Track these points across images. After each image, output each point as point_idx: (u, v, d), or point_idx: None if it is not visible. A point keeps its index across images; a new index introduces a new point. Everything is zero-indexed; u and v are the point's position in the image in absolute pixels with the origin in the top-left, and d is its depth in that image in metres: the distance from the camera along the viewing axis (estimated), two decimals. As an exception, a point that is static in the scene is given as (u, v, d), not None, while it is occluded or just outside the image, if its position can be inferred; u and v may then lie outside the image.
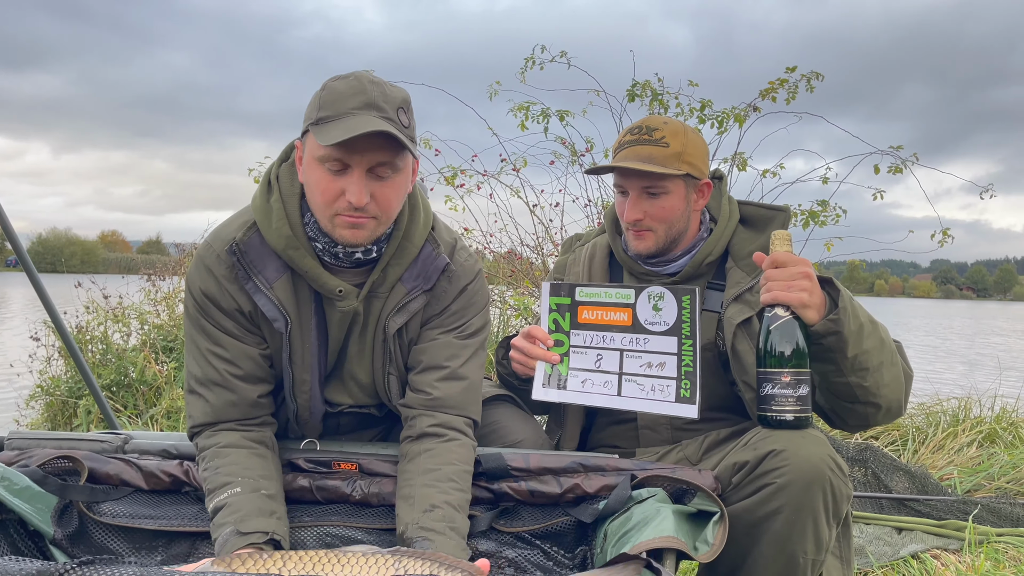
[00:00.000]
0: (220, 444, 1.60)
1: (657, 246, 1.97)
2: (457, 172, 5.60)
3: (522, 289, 5.80)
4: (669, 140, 1.92)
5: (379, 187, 1.54)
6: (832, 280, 1.70)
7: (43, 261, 58.95)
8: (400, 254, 1.68)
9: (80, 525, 1.44)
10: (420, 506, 1.51)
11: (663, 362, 1.84)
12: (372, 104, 1.50)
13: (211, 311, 1.65)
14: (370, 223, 1.56)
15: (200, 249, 1.70)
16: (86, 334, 5.42)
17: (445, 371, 1.70)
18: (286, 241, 1.61)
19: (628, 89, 5.22)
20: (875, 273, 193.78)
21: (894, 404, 1.77)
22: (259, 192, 1.68)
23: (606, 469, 1.61)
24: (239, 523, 1.44)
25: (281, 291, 1.64)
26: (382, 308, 1.70)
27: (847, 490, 1.56)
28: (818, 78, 4.92)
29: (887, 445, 4.37)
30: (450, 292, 1.74)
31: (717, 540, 1.29)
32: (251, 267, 1.63)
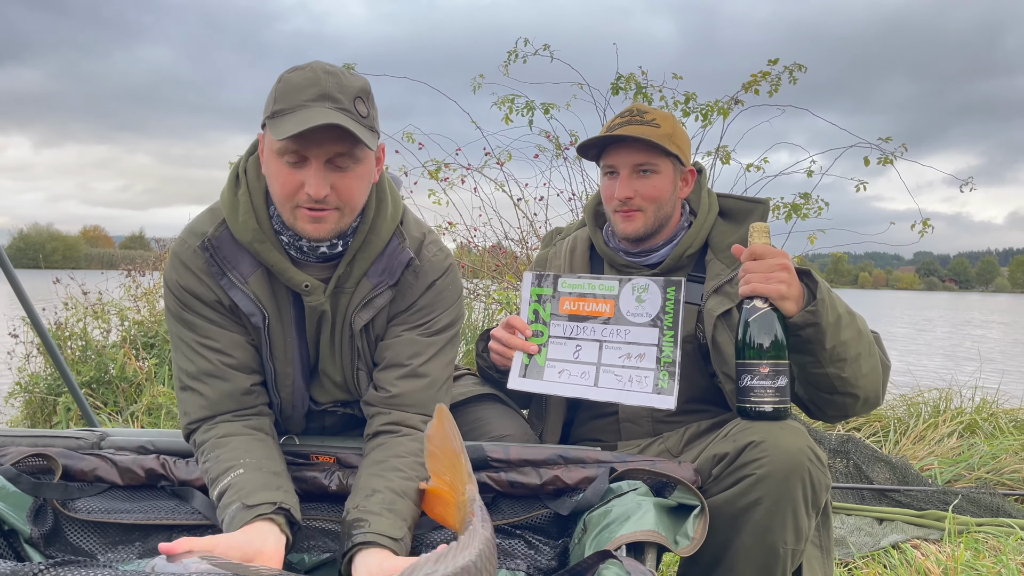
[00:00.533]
0: (219, 435, 1.57)
1: (646, 228, 1.97)
2: (441, 166, 5.58)
3: (506, 283, 5.80)
4: (660, 122, 1.94)
5: (340, 178, 1.51)
6: (810, 272, 1.72)
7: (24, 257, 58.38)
8: (366, 248, 1.65)
9: (55, 523, 1.42)
10: (362, 492, 1.49)
11: (642, 353, 1.84)
12: (326, 95, 1.47)
13: (194, 304, 1.64)
14: (332, 215, 1.53)
15: (175, 245, 1.68)
16: (65, 330, 5.36)
17: (406, 369, 1.67)
18: (252, 235, 1.59)
19: (612, 82, 5.22)
20: (859, 265, 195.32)
21: (872, 394, 1.79)
22: (227, 186, 1.66)
23: (586, 461, 1.60)
24: (244, 497, 1.40)
25: (256, 285, 1.62)
26: (348, 303, 1.67)
27: (826, 480, 1.57)
28: (801, 70, 4.93)
29: (869, 436, 4.40)
30: (416, 288, 1.71)
31: (697, 534, 1.29)
32: (224, 262, 1.61)
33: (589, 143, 2.00)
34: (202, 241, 1.61)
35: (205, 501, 1.54)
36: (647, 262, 2.03)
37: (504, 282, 5.85)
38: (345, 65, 5.23)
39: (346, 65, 5.23)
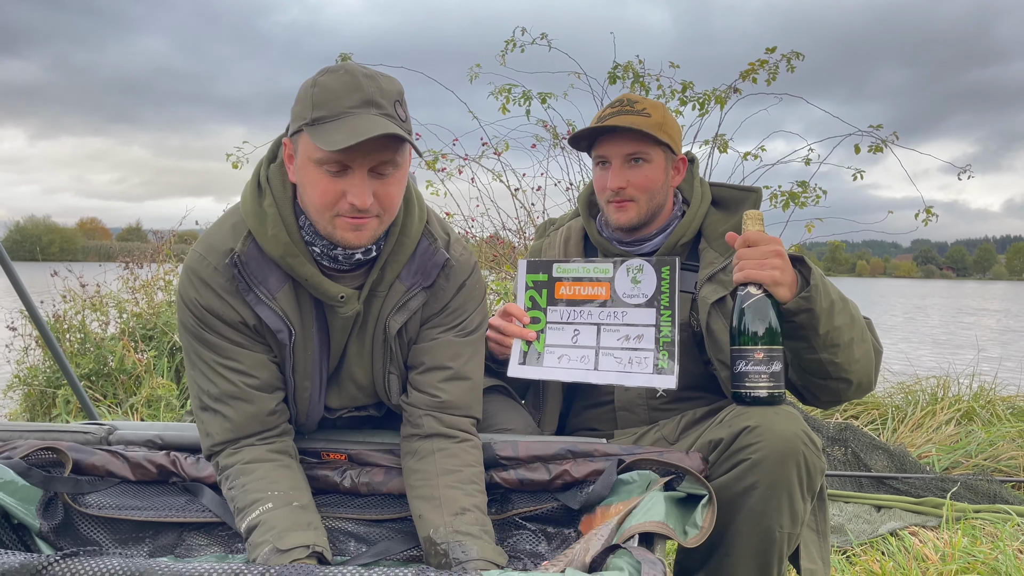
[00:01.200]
0: (244, 460, 1.54)
1: (639, 217, 1.98)
2: (438, 156, 5.58)
3: (504, 274, 5.80)
4: (651, 111, 1.94)
5: (381, 185, 1.47)
6: (803, 258, 1.73)
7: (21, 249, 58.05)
8: (398, 251, 1.62)
9: (66, 517, 1.43)
10: (449, 509, 1.48)
11: (641, 334, 1.84)
12: (371, 101, 1.42)
13: (215, 324, 1.57)
14: (372, 223, 1.49)
15: (191, 261, 1.61)
16: (64, 323, 5.35)
17: (449, 372, 1.66)
18: (284, 248, 1.53)
19: (609, 71, 5.21)
20: (856, 254, 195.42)
21: (864, 380, 1.81)
22: (249, 196, 1.59)
23: (594, 455, 1.61)
24: (277, 540, 1.39)
25: (285, 302, 1.57)
26: (381, 307, 1.64)
27: (821, 464, 1.58)
28: (799, 58, 4.92)
29: (866, 424, 4.42)
30: (449, 289, 1.69)
31: (706, 523, 1.29)
32: (252, 279, 1.55)
33: (580, 135, 2.00)
34: (231, 257, 1.54)
35: (215, 498, 1.54)
36: (641, 251, 2.03)
37: (502, 272, 5.86)
38: (341, 56, 5.21)
39: (342, 56, 5.21)
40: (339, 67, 1.47)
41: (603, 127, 1.95)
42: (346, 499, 1.64)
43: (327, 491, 1.65)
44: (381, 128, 1.37)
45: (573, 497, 1.58)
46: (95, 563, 0.82)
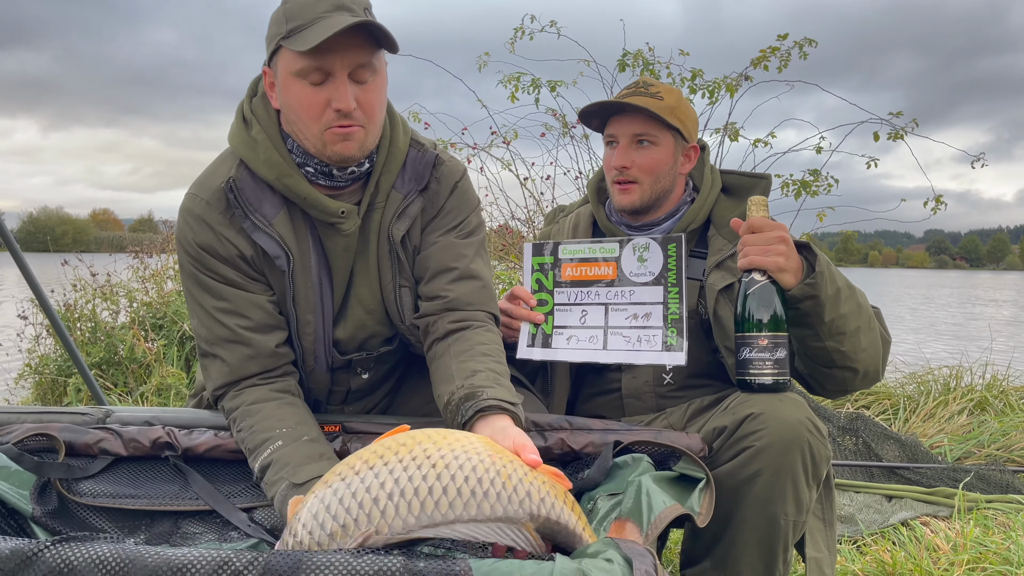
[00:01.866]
0: (248, 402, 1.55)
1: (642, 200, 1.97)
2: (447, 145, 5.55)
3: (511, 263, 5.78)
4: (664, 95, 1.94)
5: (362, 92, 1.48)
6: (809, 245, 1.72)
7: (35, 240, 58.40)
8: (390, 162, 1.63)
9: (60, 503, 1.42)
10: (461, 375, 1.49)
11: (649, 312, 1.83)
12: (342, 6, 1.44)
13: (210, 263, 1.58)
14: (359, 132, 1.50)
15: (186, 201, 1.62)
16: (74, 312, 5.38)
17: (455, 272, 1.66)
18: (279, 169, 1.55)
19: (619, 59, 5.17)
20: (868, 244, 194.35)
21: (871, 369, 1.79)
22: (236, 129, 1.61)
23: (592, 428, 1.59)
24: (292, 475, 1.39)
25: (281, 227, 1.58)
26: (381, 219, 1.65)
27: (826, 451, 1.57)
28: (811, 44, 4.87)
29: (878, 414, 4.39)
30: (442, 192, 1.70)
31: (704, 507, 1.27)
32: (247, 205, 1.56)
33: (591, 108, 2.00)
34: (227, 182, 1.56)
35: (205, 485, 1.53)
36: (650, 235, 2.02)
37: (509, 261, 5.84)
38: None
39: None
40: None
41: (613, 103, 1.95)
42: None
43: None
44: (355, 20, 1.39)
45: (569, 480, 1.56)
46: (85, 549, 0.82)
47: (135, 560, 0.81)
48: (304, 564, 0.81)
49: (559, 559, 0.86)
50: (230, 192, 1.55)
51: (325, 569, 0.80)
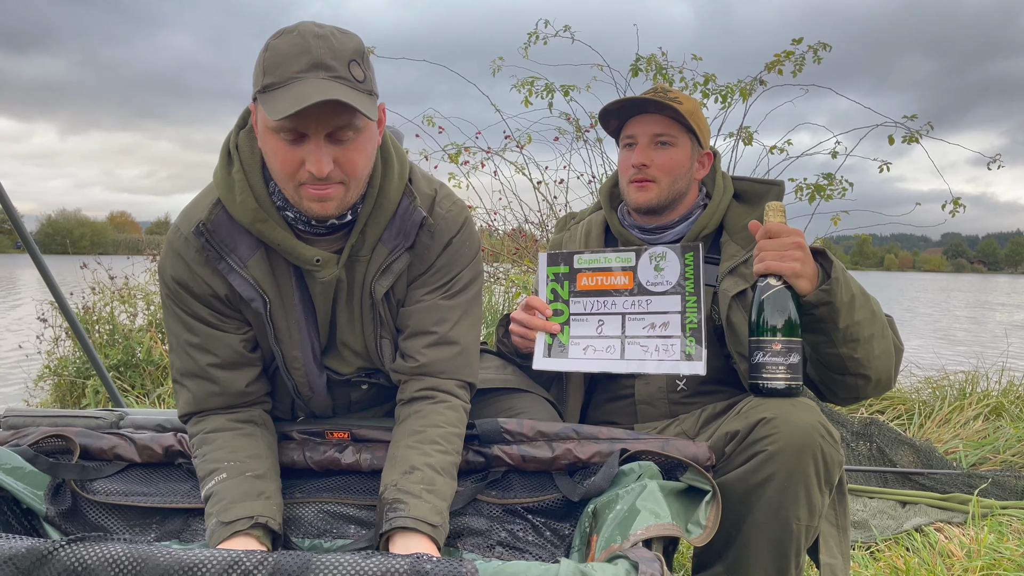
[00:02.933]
0: (206, 430, 1.56)
1: (659, 199, 1.97)
2: (461, 149, 5.57)
3: (525, 267, 5.79)
4: (682, 100, 1.95)
5: (342, 151, 1.41)
6: (825, 251, 1.72)
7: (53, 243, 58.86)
8: (377, 213, 1.56)
9: (73, 503, 1.45)
10: (400, 468, 1.46)
11: (666, 321, 1.83)
12: (319, 64, 1.35)
13: (184, 299, 1.57)
14: (338, 191, 1.44)
15: (169, 233, 1.60)
16: (93, 315, 5.44)
17: (433, 336, 1.61)
18: (253, 214, 1.50)
19: (632, 64, 5.17)
20: (884, 247, 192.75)
21: (884, 376, 1.78)
22: (219, 165, 1.56)
23: (599, 437, 1.60)
24: (221, 513, 1.40)
25: (256, 269, 1.54)
26: (365, 272, 1.59)
27: (838, 456, 1.56)
28: (825, 48, 4.85)
29: (893, 420, 4.36)
30: (433, 248, 1.63)
31: (710, 521, 1.27)
32: (222, 247, 1.52)
33: (613, 106, 2.00)
34: (196, 226, 1.52)
35: None
36: (662, 239, 2.03)
37: (523, 265, 5.85)
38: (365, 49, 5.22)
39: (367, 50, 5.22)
40: (293, 28, 1.41)
41: (634, 99, 1.95)
42: (350, 481, 1.64)
43: (331, 472, 1.65)
44: (327, 93, 1.32)
45: (572, 488, 1.56)
46: (100, 548, 0.83)
47: (148, 560, 0.83)
48: (313, 565, 0.82)
49: (564, 562, 0.87)
50: (200, 236, 1.52)
51: (333, 570, 0.81)
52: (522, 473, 1.64)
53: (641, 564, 0.86)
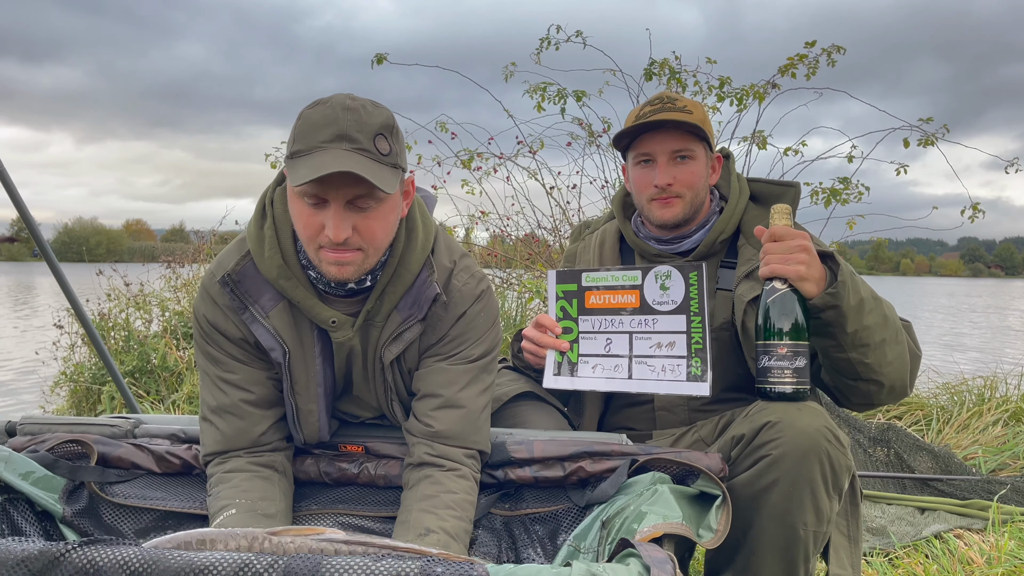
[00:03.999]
0: (225, 469, 1.57)
1: (684, 214, 1.96)
2: (474, 155, 5.58)
3: (537, 272, 5.79)
4: (691, 109, 1.93)
5: (362, 219, 1.46)
6: (833, 254, 1.70)
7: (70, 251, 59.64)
8: (395, 282, 1.61)
9: (90, 504, 1.45)
10: (415, 531, 1.46)
11: (672, 341, 1.82)
12: (343, 135, 1.41)
13: (217, 339, 1.62)
14: (356, 257, 1.49)
15: (205, 277, 1.66)
16: (108, 321, 5.48)
17: (440, 399, 1.62)
18: (278, 271, 1.56)
19: (645, 68, 5.17)
20: (900, 252, 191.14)
21: (898, 383, 1.75)
22: (253, 219, 1.63)
23: (611, 454, 1.58)
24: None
25: (277, 319, 1.58)
26: (379, 337, 1.64)
27: (846, 461, 1.54)
28: (840, 51, 4.83)
29: (911, 425, 4.31)
30: (447, 320, 1.66)
31: (721, 525, 1.25)
32: (246, 296, 1.58)
33: (626, 132, 1.97)
34: (222, 277, 1.58)
35: None
36: (679, 250, 2.00)
37: (535, 270, 5.85)
38: (377, 56, 5.24)
39: (378, 56, 5.24)
40: (327, 100, 1.46)
41: (651, 123, 1.91)
42: (364, 493, 1.64)
43: (346, 483, 1.65)
44: (344, 164, 1.37)
45: (580, 495, 1.55)
46: (111, 551, 0.83)
47: (158, 562, 0.83)
48: (323, 567, 0.82)
49: (576, 564, 0.86)
50: (225, 286, 1.57)
51: (344, 572, 0.81)
52: (535, 487, 1.64)
53: (653, 567, 0.85)
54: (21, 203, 3.02)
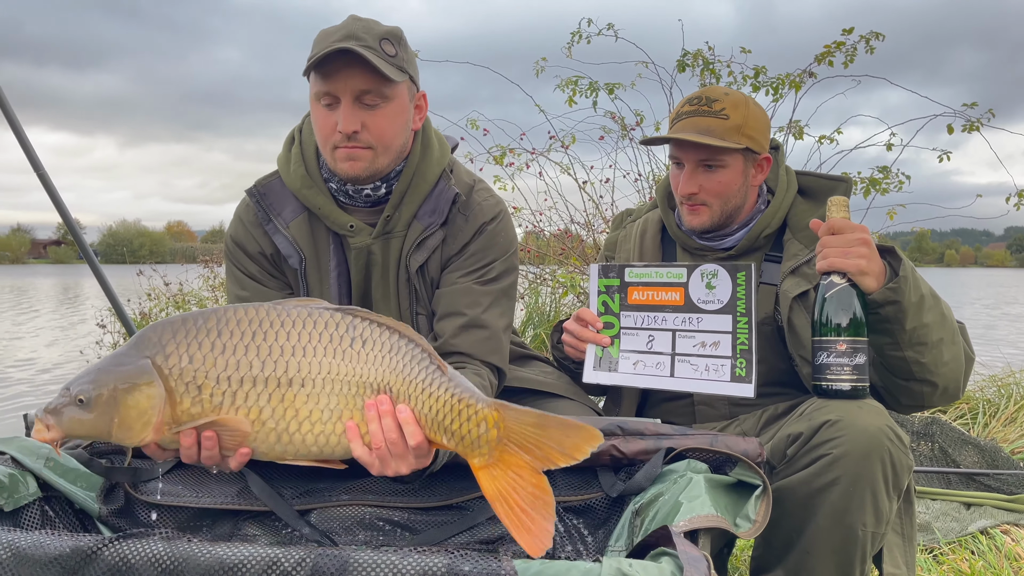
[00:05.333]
0: None
1: (712, 221, 1.92)
2: (506, 151, 5.57)
3: (571, 267, 5.76)
4: (729, 112, 1.86)
5: (370, 116, 1.60)
6: (894, 249, 1.65)
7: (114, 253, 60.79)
8: (412, 191, 1.71)
9: (126, 503, 1.47)
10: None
11: (717, 341, 1.78)
12: (351, 35, 1.57)
13: (239, 256, 1.78)
14: (366, 154, 1.62)
15: (238, 204, 1.84)
16: (149, 320, 5.58)
17: (464, 318, 1.69)
18: (301, 181, 1.71)
19: (678, 59, 5.11)
20: (944, 243, 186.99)
21: (952, 384, 1.70)
22: (284, 145, 1.80)
23: (645, 434, 1.55)
24: None
25: (296, 230, 1.73)
26: (401, 247, 1.72)
27: (908, 461, 1.50)
28: (878, 38, 4.73)
29: (955, 419, 4.22)
30: (467, 230, 1.75)
31: (760, 516, 1.22)
32: (270, 209, 1.74)
33: (649, 142, 2.00)
34: (251, 188, 1.77)
35: (264, 487, 1.56)
36: (722, 245, 1.97)
37: (569, 265, 5.82)
38: (409, 53, 5.26)
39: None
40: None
41: (671, 139, 1.89)
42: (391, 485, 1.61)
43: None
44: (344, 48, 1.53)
45: (612, 484, 1.52)
46: (141, 547, 0.84)
47: (189, 558, 0.83)
48: (351, 564, 0.82)
49: (606, 561, 0.84)
50: (253, 196, 1.75)
51: (371, 569, 0.81)
52: (565, 469, 1.59)
53: (687, 566, 0.83)
54: (64, 208, 3.09)
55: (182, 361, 1.18)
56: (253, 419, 1.19)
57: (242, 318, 1.21)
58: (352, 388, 1.22)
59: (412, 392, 1.24)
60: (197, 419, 1.18)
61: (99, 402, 1.16)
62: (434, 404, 1.23)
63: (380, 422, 1.22)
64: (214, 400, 1.18)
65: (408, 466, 1.26)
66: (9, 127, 2.98)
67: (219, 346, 1.20)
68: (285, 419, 1.20)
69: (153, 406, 1.16)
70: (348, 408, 1.22)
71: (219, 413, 1.18)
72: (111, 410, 1.16)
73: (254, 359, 1.19)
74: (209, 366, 1.19)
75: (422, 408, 1.24)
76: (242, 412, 1.19)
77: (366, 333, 1.24)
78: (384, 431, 1.21)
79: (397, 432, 1.22)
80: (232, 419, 1.18)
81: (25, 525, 1.32)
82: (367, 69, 1.56)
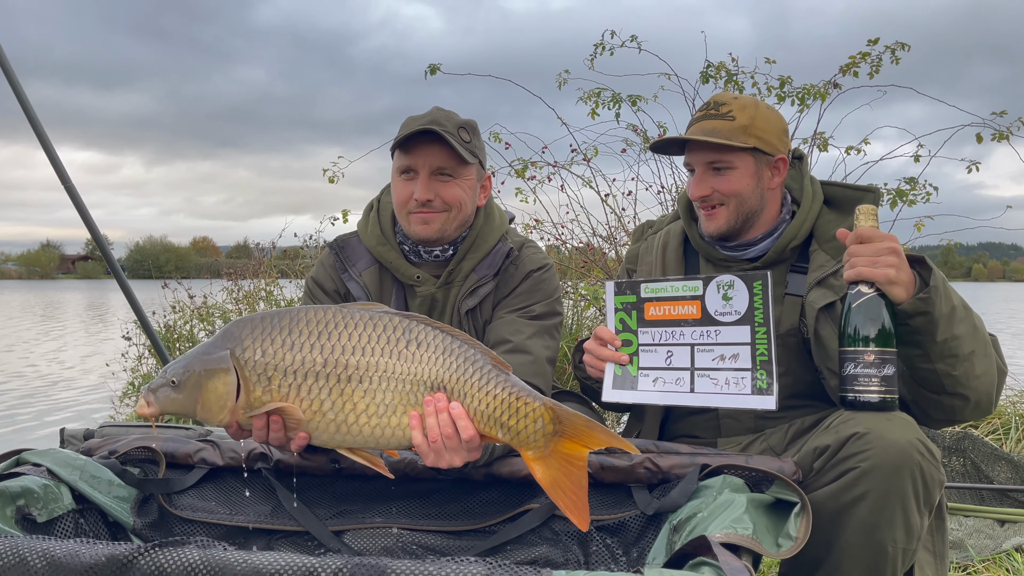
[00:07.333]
0: None
1: (729, 224, 1.90)
2: (527, 164, 5.57)
3: (593, 279, 5.73)
4: (736, 114, 1.86)
5: (443, 186, 1.91)
6: (924, 259, 1.62)
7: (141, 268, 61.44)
8: (474, 250, 2.01)
9: (160, 517, 1.47)
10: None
11: (736, 353, 1.74)
12: (434, 121, 1.87)
13: (316, 293, 2.07)
14: (439, 217, 1.92)
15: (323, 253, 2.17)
16: (174, 333, 5.63)
17: (509, 344, 1.87)
18: (376, 239, 2.03)
19: (702, 71, 5.09)
20: (972, 257, 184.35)
21: (984, 398, 1.66)
22: (363, 212, 2.14)
23: (680, 451, 1.53)
24: None
25: (368, 278, 2.02)
26: (457, 294, 2.00)
27: (939, 476, 1.47)
28: (904, 48, 4.69)
29: (988, 434, 4.14)
30: (516, 276, 2.01)
31: (800, 533, 1.20)
32: (347, 260, 2.05)
33: (658, 145, 2.04)
34: (332, 241, 2.11)
35: (299, 507, 1.56)
36: (747, 256, 1.95)
37: (591, 277, 5.79)
38: (430, 67, 5.28)
39: (431, 67, 5.28)
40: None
41: (677, 140, 1.93)
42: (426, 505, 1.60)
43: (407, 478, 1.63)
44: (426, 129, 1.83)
45: (647, 501, 1.50)
46: (177, 555, 0.84)
47: (224, 567, 0.83)
48: (388, 573, 0.81)
49: (647, 571, 0.83)
50: (332, 249, 2.09)
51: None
52: (599, 486, 1.58)
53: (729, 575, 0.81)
54: (92, 223, 3.14)
55: (256, 354, 1.36)
56: (315, 409, 1.36)
57: (311, 319, 1.40)
58: (406, 385, 1.38)
59: (466, 390, 1.39)
60: (266, 406, 1.35)
61: (186, 385, 1.35)
62: (491, 402, 1.39)
63: (437, 417, 1.37)
64: (281, 390, 1.36)
65: (461, 459, 1.40)
66: (40, 145, 3.04)
67: (288, 342, 1.37)
68: (344, 411, 1.37)
69: (229, 392, 1.35)
70: (402, 403, 1.38)
71: (286, 402, 1.35)
72: (195, 392, 1.36)
73: (317, 356, 1.37)
74: (279, 360, 1.36)
75: (477, 405, 1.39)
76: (305, 403, 1.36)
77: (422, 336, 1.40)
78: (440, 426, 1.37)
79: (452, 427, 1.37)
80: (289, 407, 1.35)
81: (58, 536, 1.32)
82: (445, 149, 1.87)
